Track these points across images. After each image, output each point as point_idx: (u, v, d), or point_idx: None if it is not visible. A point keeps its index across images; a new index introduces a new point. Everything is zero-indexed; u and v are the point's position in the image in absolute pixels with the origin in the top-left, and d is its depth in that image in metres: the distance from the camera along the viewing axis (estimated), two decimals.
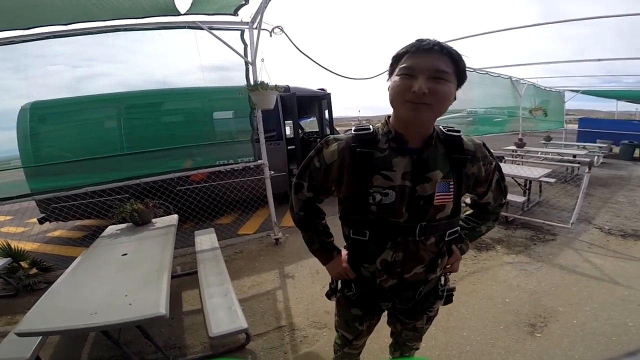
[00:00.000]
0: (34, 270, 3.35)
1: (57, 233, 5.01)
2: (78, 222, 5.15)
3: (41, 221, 4.15)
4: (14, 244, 3.31)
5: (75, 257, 2.79)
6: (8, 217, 4.23)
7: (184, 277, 3.20)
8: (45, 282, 3.20)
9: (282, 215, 5.05)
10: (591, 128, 11.41)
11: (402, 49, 0.94)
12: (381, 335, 1.77)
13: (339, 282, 1.28)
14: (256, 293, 2.92)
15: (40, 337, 1.85)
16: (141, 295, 1.68)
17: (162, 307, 1.55)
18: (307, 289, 2.94)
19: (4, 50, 2.94)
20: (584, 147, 8.53)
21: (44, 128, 3.39)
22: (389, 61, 0.99)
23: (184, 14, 3.12)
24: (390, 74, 0.97)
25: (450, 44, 0.92)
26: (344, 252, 1.22)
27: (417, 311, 1.27)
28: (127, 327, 1.77)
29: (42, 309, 1.64)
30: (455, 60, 0.90)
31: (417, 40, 0.91)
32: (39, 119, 3.40)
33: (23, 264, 3.33)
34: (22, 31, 2.87)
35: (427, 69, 0.87)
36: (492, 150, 1.12)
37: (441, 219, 1.02)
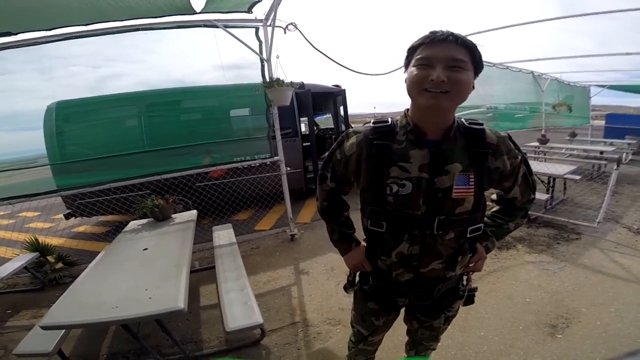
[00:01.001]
0: (60, 265, 3.49)
1: (81, 228, 5.20)
2: (102, 218, 5.33)
3: (67, 217, 4.31)
4: (41, 239, 3.46)
5: (99, 252, 2.90)
6: (36, 213, 4.42)
7: (202, 272, 3.26)
8: (70, 276, 3.33)
9: (298, 211, 5.08)
10: (619, 124, 10.89)
11: (416, 40, 0.94)
12: (397, 333, 1.76)
13: (357, 274, 1.28)
14: (271, 289, 2.95)
15: (64, 330, 1.93)
16: (161, 289, 1.72)
17: (180, 302, 1.58)
18: (321, 285, 2.94)
19: (29, 52, 3.06)
20: (612, 144, 8.18)
21: (69, 127, 3.51)
22: (405, 55, 0.99)
23: (199, 13, 3.16)
24: (407, 66, 0.98)
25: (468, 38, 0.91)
26: (363, 244, 1.22)
27: (435, 310, 1.25)
28: (147, 321, 1.82)
29: (66, 303, 1.70)
30: (470, 50, 0.90)
31: (431, 32, 0.91)
32: (64, 118, 3.52)
33: (50, 258, 3.47)
34: (44, 32, 2.97)
35: (444, 58, 0.88)
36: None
37: (461, 213, 1.00)
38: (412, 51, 0.96)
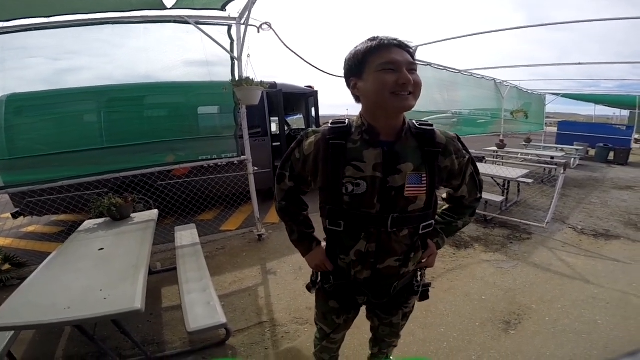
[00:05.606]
0: (7, 266, 3.24)
1: (31, 228, 4.84)
2: (54, 217, 5.00)
3: (15, 216, 4.00)
4: None
5: (51, 253, 2.72)
6: None
7: (164, 273, 3.14)
8: (18, 278, 3.09)
9: (266, 211, 5.03)
10: (570, 131, 11.74)
11: (366, 47, 0.97)
12: (361, 330, 1.80)
13: (319, 274, 1.29)
14: (237, 289, 2.91)
15: (13, 332, 1.80)
16: (117, 290, 1.66)
17: (137, 302, 1.53)
18: (289, 285, 2.94)
19: None
20: (562, 149, 8.78)
21: (20, 120, 3.25)
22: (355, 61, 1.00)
23: (171, 8, 3.06)
24: (361, 71, 0.99)
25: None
26: (323, 244, 1.24)
27: (393, 307, 1.30)
28: (102, 321, 1.74)
29: (15, 303, 1.59)
30: (412, 54, 0.99)
31: (376, 37, 0.97)
32: (15, 111, 3.27)
33: None
34: (3, 23, 2.78)
35: (405, 62, 0.94)
36: (473, 150, 1.15)
37: (414, 211, 1.04)
38: (365, 57, 0.97)
